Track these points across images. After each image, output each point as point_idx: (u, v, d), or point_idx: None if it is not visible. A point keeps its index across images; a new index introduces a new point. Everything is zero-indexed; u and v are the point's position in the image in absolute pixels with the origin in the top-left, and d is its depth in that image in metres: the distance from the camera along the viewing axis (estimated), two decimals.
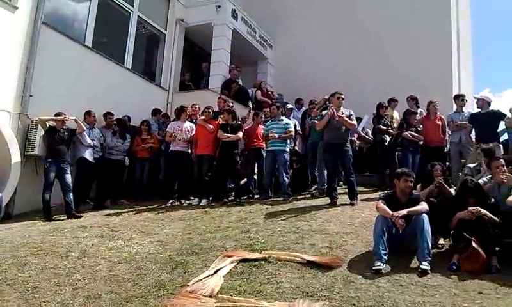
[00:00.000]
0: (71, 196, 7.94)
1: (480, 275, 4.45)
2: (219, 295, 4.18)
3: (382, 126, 9.21)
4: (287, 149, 8.88)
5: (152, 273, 4.88)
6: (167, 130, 9.12)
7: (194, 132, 8.99)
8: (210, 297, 4.16)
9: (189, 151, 8.99)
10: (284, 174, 8.57)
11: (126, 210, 8.34)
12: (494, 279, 4.35)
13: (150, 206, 8.47)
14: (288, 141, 9.01)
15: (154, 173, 9.86)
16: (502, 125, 8.29)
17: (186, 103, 9.83)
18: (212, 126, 8.78)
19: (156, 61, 12.75)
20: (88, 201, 9.06)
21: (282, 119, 9.04)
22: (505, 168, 5.63)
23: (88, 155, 8.67)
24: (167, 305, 4.01)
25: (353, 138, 9.68)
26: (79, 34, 9.93)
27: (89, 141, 8.63)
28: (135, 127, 9.96)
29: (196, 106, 9.60)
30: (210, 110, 9.08)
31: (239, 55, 13.42)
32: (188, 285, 4.42)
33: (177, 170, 8.90)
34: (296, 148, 9.94)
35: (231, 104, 10.05)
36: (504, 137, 8.57)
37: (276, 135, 8.59)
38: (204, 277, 4.57)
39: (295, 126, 9.39)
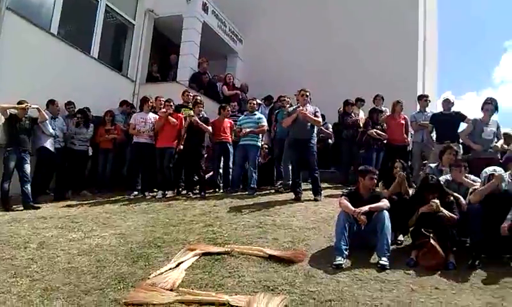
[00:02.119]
0: (29, 186, 7.72)
1: (437, 271, 4.55)
2: (180, 289, 4.15)
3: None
4: (259, 144, 8.92)
5: (112, 265, 4.81)
6: (130, 122, 9.00)
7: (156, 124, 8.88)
8: (171, 290, 4.12)
9: (153, 143, 8.86)
10: (253, 169, 8.59)
11: (87, 201, 8.19)
12: (450, 275, 4.46)
13: (113, 198, 8.35)
14: (260, 136, 9.03)
15: (118, 165, 9.70)
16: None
17: (153, 95, 9.68)
18: (174, 120, 8.70)
19: (123, 52, 12.52)
20: (48, 192, 8.83)
21: (255, 114, 9.04)
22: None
23: (49, 144, 8.41)
24: (126, 298, 3.94)
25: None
26: (44, 22, 9.61)
27: (51, 130, 8.38)
28: (99, 117, 9.74)
29: (161, 99, 9.48)
30: (172, 103, 8.98)
31: (208, 49, 13.30)
32: (149, 278, 4.38)
33: (141, 162, 8.79)
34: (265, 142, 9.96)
35: (199, 97, 9.97)
36: None
37: (248, 130, 8.61)
38: (165, 271, 4.54)
39: None
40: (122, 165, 9.84)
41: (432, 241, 4.70)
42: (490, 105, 7.31)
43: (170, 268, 4.60)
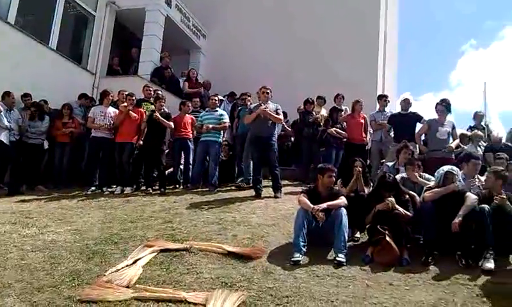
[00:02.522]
0: None
1: (391, 267, 4.65)
2: (137, 286, 4.10)
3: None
4: (220, 141, 8.89)
5: (66, 262, 4.70)
6: (89, 115, 8.82)
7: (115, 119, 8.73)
8: (128, 287, 4.06)
9: (112, 137, 8.71)
10: (213, 165, 8.56)
11: (43, 196, 7.96)
12: (404, 271, 4.57)
13: (69, 194, 8.14)
14: (222, 132, 8.99)
15: (76, 159, 9.44)
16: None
17: (114, 89, 9.54)
18: (135, 115, 8.57)
19: (83, 44, 12.23)
20: (1, 186, 8.54)
21: (217, 110, 9.00)
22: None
23: (4, 137, 8.12)
24: (81, 295, 3.85)
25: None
26: (1, 11, 9.34)
27: (6, 123, 8.10)
28: (57, 110, 9.46)
29: (124, 93, 9.31)
30: (134, 98, 8.85)
31: (171, 43, 13.16)
32: (104, 275, 4.30)
33: (99, 157, 8.63)
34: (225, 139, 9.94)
35: (160, 92, 9.85)
36: None
37: (210, 126, 8.57)
38: (122, 267, 4.47)
39: None
40: (80, 160, 9.57)
41: (387, 238, 4.80)
42: (441, 106, 7.55)
43: (127, 265, 4.52)
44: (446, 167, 5.36)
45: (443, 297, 4.01)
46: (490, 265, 4.50)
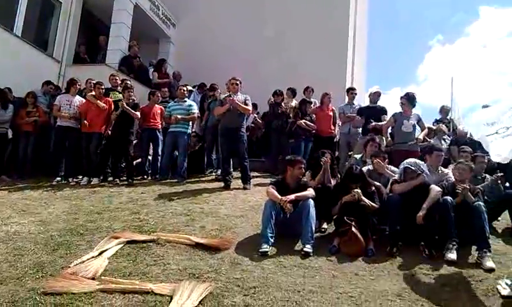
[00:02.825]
0: None
1: (357, 258, 4.73)
2: (103, 277, 4.05)
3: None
4: (189, 132, 8.82)
5: (30, 254, 4.61)
6: (54, 103, 8.60)
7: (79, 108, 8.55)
8: (93, 279, 4.02)
9: (78, 127, 8.53)
10: (183, 156, 8.51)
11: (6, 187, 7.76)
12: (370, 262, 4.65)
13: (34, 184, 7.97)
14: (190, 123, 8.93)
15: (41, 149, 9.21)
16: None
17: (81, 77, 9.33)
18: (104, 105, 8.42)
19: (49, 30, 11.85)
20: None
21: (185, 101, 8.93)
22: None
23: None
24: (45, 287, 3.78)
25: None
26: None
27: None
28: (21, 99, 9.19)
29: (92, 82, 9.13)
30: (103, 87, 8.70)
31: (140, 32, 12.98)
32: (69, 267, 4.25)
33: (64, 147, 8.45)
34: (194, 130, 9.88)
35: (129, 82, 9.70)
36: None
37: (179, 117, 8.50)
38: (88, 259, 4.42)
39: None
40: (45, 149, 9.35)
41: (353, 229, 4.88)
42: (403, 99, 7.65)
43: (92, 257, 4.48)
44: (406, 162, 5.47)
45: (407, 286, 4.10)
46: (453, 255, 4.62)
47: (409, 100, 7.65)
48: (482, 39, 74.73)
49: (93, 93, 8.58)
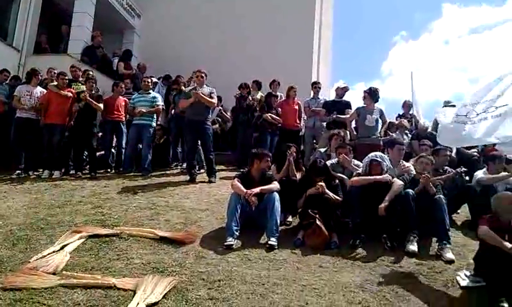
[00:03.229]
0: None
1: (321, 250, 4.79)
2: (64, 272, 3.98)
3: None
4: (153, 124, 8.71)
5: None
6: (14, 93, 8.30)
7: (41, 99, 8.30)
8: (54, 274, 3.94)
9: (39, 118, 8.28)
10: (147, 149, 8.41)
11: None
12: (333, 254, 4.72)
13: None
14: (155, 116, 8.83)
15: None
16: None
17: (42, 67, 9.06)
18: (70, 94, 8.23)
19: (9, 19, 11.42)
20: None
21: (150, 93, 8.81)
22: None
23: None
24: (4, 282, 3.68)
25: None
26: None
27: None
28: None
29: (54, 71, 8.87)
30: (66, 77, 8.49)
31: (103, 22, 12.68)
32: (29, 262, 4.16)
33: (24, 139, 8.18)
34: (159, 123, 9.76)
35: (91, 73, 9.48)
36: None
37: (144, 110, 8.39)
38: (48, 254, 4.33)
39: None
40: (4, 141, 9.03)
41: (317, 221, 4.94)
42: (366, 93, 7.78)
43: (53, 251, 4.39)
44: (372, 155, 5.56)
45: (369, 278, 4.18)
46: (413, 247, 4.73)
47: (371, 94, 7.77)
48: (445, 36, 76.65)
49: (56, 83, 8.34)
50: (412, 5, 65.02)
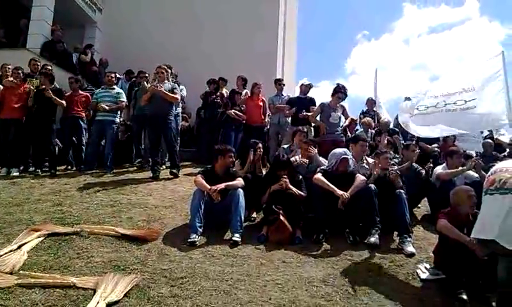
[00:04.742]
0: None
1: (285, 245, 4.81)
2: (21, 272, 3.86)
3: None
4: (117, 120, 8.59)
5: None
6: None
7: None
8: (11, 273, 3.81)
9: None
10: (110, 146, 8.28)
11: None
12: (297, 249, 4.74)
13: None
14: (119, 112, 8.69)
15: None
16: None
17: (0, 62, 8.76)
18: (31, 87, 8.02)
19: None
20: None
21: (114, 88, 8.67)
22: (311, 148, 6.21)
23: None
24: None
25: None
26: None
27: None
28: None
29: (8, 67, 8.59)
30: (20, 72, 8.25)
31: (64, 16, 12.32)
32: None
33: None
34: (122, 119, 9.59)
35: (49, 67, 9.22)
36: None
37: (107, 108, 8.25)
38: (5, 253, 4.17)
39: None
40: None
41: (281, 217, 4.96)
42: (342, 94, 7.80)
43: (11, 251, 4.23)
44: (340, 151, 5.62)
45: (332, 272, 4.22)
46: (374, 239, 4.81)
47: (346, 94, 7.84)
48: (405, 35, 78.36)
49: (11, 78, 8.07)
50: (373, 5, 66.23)
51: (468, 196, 4.27)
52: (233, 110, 9.01)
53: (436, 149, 8.53)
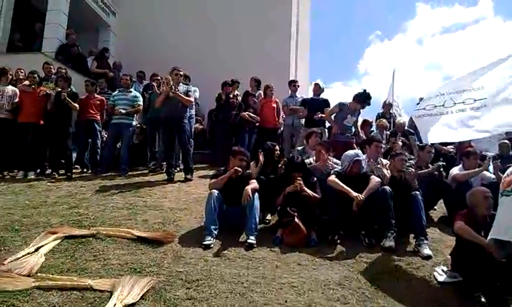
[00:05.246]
0: None
1: (300, 248, 4.79)
2: (39, 274, 3.88)
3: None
4: (133, 123, 8.66)
5: None
6: None
7: (17, 99, 8.12)
8: (29, 276, 3.84)
9: (11, 118, 8.06)
10: (126, 148, 8.35)
11: None
12: (312, 251, 4.73)
13: None
14: (135, 115, 8.75)
15: None
16: None
17: (15, 66, 8.89)
18: (49, 91, 8.04)
19: None
20: None
21: (130, 91, 8.74)
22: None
23: None
24: None
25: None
26: None
27: None
28: None
29: (21, 71, 8.69)
30: (36, 76, 8.35)
31: (78, 20, 12.45)
32: (4, 264, 4.03)
33: None
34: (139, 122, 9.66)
35: (63, 70, 9.31)
36: None
37: (123, 111, 8.32)
38: (23, 256, 4.21)
39: None
40: None
41: (296, 219, 4.95)
42: (368, 105, 7.73)
43: (28, 253, 4.27)
44: (352, 153, 5.60)
45: (348, 275, 4.21)
46: (390, 243, 4.78)
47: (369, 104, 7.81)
48: (418, 35, 77.93)
49: (27, 82, 8.18)
50: (386, 5, 65.98)
51: (484, 197, 4.23)
52: (246, 113, 9.01)
53: (451, 150, 8.45)
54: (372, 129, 9.61)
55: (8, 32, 11.61)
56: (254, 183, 5.32)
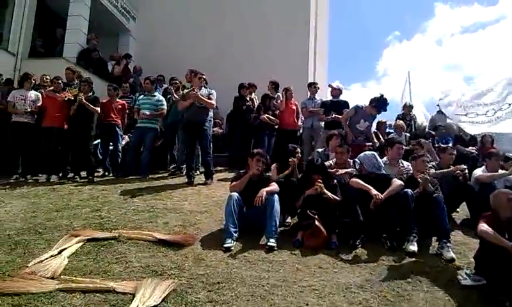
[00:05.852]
0: None
1: (321, 251, 4.77)
2: (62, 277, 3.94)
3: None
4: (157, 127, 8.74)
5: None
6: (8, 99, 8.22)
7: (40, 103, 8.27)
8: (52, 278, 3.90)
9: (35, 122, 8.24)
10: (148, 152, 8.43)
11: None
12: (333, 254, 4.70)
13: None
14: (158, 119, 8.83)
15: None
16: None
17: (37, 71, 9.05)
18: (69, 95, 8.19)
19: (4, 23, 11.45)
20: None
21: (155, 95, 8.80)
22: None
23: None
24: (2, 287, 3.64)
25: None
26: None
27: None
28: None
29: (46, 77, 8.83)
30: (60, 81, 8.48)
31: (98, 25, 12.68)
32: (28, 266, 4.11)
33: (21, 143, 8.11)
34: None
35: (85, 75, 9.45)
36: None
37: (148, 113, 8.40)
38: (46, 258, 4.28)
39: None
40: (1, 146, 8.96)
41: (316, 222, 4.92)
42: (382, 111, 7.73)
43: (52, 256, 4.34)
44: (369, 153, 5.58)
45: (369, 278, 4.16)
46: (413, 247, 4.72)
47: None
48: (437, 35, 77.08)
49: (51, 87, 8.30)
50: (404, 5, 65.42)
51: (508, 200, 4.15)
52: (266, 115, 9.01)
53: (474, 151, 8.33)
54: (387, 130, 9.52)
55: (30, 39, 11.83)
56: (272, 186, 5.31)
